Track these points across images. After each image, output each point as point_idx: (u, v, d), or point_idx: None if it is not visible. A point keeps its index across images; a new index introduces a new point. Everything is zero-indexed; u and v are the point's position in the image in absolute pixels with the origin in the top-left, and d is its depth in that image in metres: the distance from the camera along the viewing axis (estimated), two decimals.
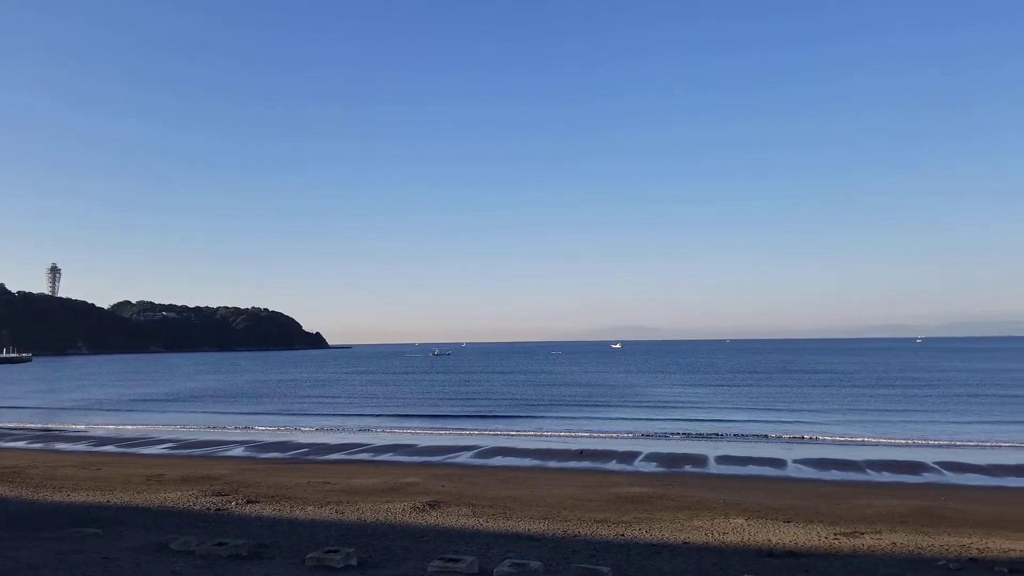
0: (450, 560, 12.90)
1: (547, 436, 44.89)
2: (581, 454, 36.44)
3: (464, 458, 35.63)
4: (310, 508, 20.79)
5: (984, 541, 17.27)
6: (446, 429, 49.20)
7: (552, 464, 33.49)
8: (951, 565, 13.92)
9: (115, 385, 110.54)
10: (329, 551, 13.38)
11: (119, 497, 22.45)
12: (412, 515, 19.83)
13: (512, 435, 45.73)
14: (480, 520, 19.34)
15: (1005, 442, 40.40)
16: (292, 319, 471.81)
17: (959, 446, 39.14)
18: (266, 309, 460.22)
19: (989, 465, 32.43)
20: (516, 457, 35.77)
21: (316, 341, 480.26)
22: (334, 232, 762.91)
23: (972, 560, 14.67)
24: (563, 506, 22.08)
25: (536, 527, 18.48)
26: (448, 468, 32.11)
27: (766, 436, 44.24)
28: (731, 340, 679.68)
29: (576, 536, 17.36)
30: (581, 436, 44.57)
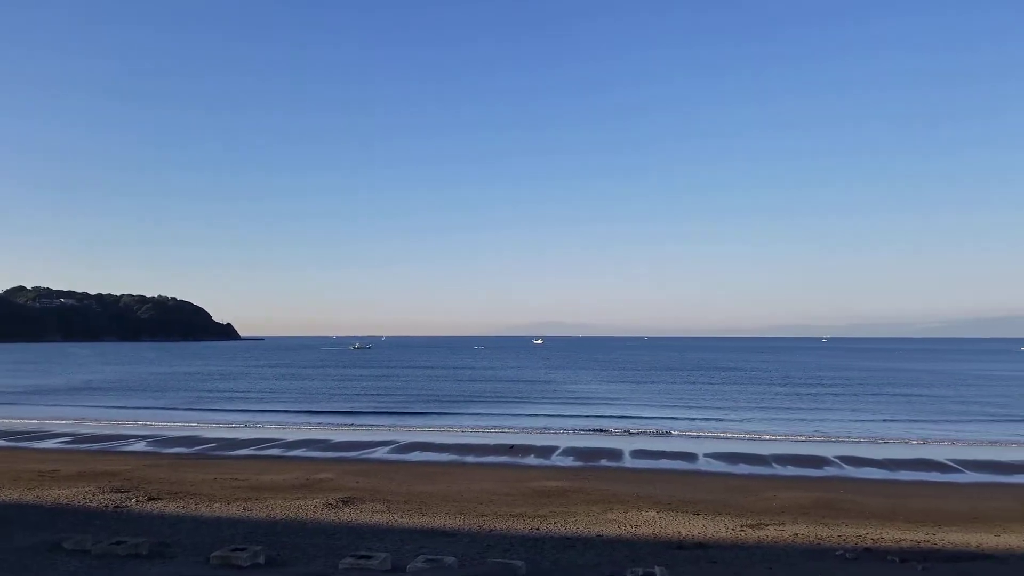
0: (362, 557, 12.68)
1: (466, 431, 44.81)
2: (511, 449, 36.58)
3: (380, 453, 35.20)
4: (216, 505, 20.11)
5: (879, 531, 18.13)
6: (363, 425, 48.51)
7: (470, 459, 33.44)
8: (848, 555, 14.53)
9: (7, 375, 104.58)
10: (235, 549, 12.97)
11: (7, 494, 21.19)
12: (324, 512, 19.43)
13: (431, 430, 45.46)
14: (395, 516, 19.11)
15: (897, 439, 42.60)
16: (201, 309, 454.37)
17: (858, 441, 41.06)
18: (173, 298, 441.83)
19: (885, 459, 34.10)
20: (434, 452, 35.56)
21: (226, 332, 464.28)
22: (247, 219, 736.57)
23: (867, 550, 15.37)
24: (479, 501, 22.06)
25: (452, 522, 18.39)
26: (363, 464, 31.65)
27: (680, 431, 45.37)
28: (649, 337, 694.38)
29: (492, 531, 17.35)
30: (500, 431, 44.66)
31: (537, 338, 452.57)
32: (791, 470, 31.17)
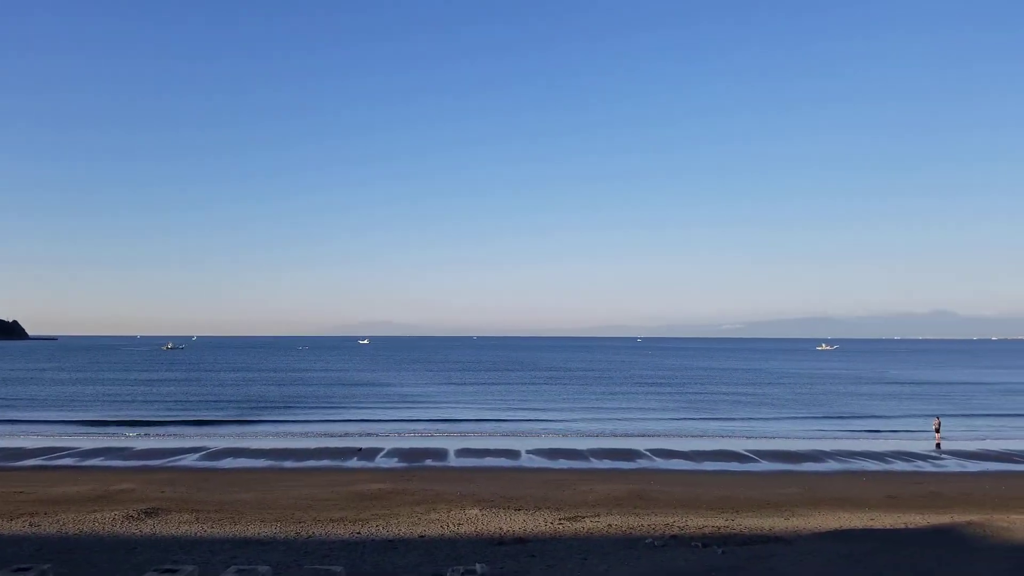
0: (166, 571, 11.71)
1: (285, 435, 43.08)
2: (360, 451, 35.63)
3: (189, 461, 33.01)
4: None
5: (684, 519, 19.33)
6: (170, 432, 45.32)
7: (288, 464, 32.15)
8: (656, 542, 15.35)
9: None
10: (19, 569, 11.55)
11: None
12: (124, 524, 17.88)
13: (246, 436, 43.28)
14: (204, 526, 17.93)
15: (701, 432, 45.89)
16: None
17: (667, 435, 43.76)
18: None
19: (691, 451, 36.56)
20: (248, 458, 33.85)
21: (10, 330, 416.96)
22: (39, 208, 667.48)
23: (674, 537, 16.32)
24: (297, 507, 21.22)
25: (266, 530, 17.53)
26: (170, 472, 29.53)
27: (503, 430, 46.23)
28: (478, 337, 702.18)
29: (310, 537, 16.72)
30: (322, 436, 43.35)
31: (363, 338, 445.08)
32: (607, 464, 32.62)
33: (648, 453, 35.68)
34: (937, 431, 41.98)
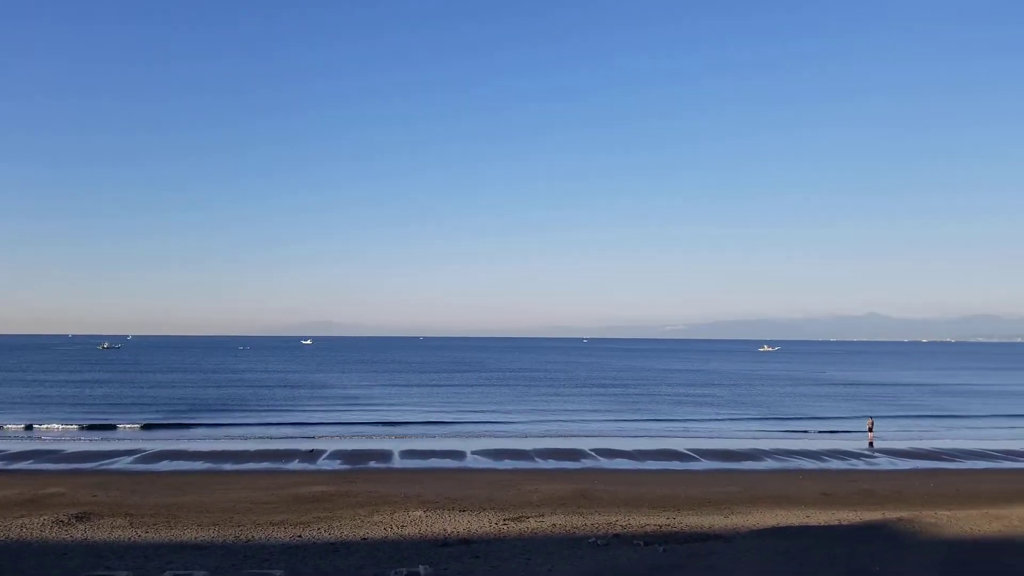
0: None
1: (224, 438, 42.12)
2: (311, 453, 34.97)
3: (123, 464, 32.02)
4: None
5: (627, 518, 19.54)
6: (102, 435, 43.92)
7: (227, 466, 31.44)
8: (599, 541, 15.48)
9: None
10: None
11: None
12: (54, 530, 17.24)
13: (184, 437, 42.19)
14: (139, 531, 17.42)
15: (642, 433, 46.48)
16: None
17: (611, 435, 44.18)
18: None
19: (634, 450, 36.98)
20: (186, 461, 32.99)
21: None
22: None
23: (617, 536, 16.49)
24: (236, 510, 20.77)
25: (204, 534, 17.12)
26: (103, 476, 28.57)
27: (450, 431, 46.06)
28: (425, 338, 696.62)
29: (249, 541, 16.38)
30: (262, 439, 42.54)
31: (306, 338, 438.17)
32: (552, 464, 32.77)
33: (592, 453, 35.96)
34: (870, 430, 43.37)
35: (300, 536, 16.89)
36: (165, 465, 31.73)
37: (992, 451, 37.35)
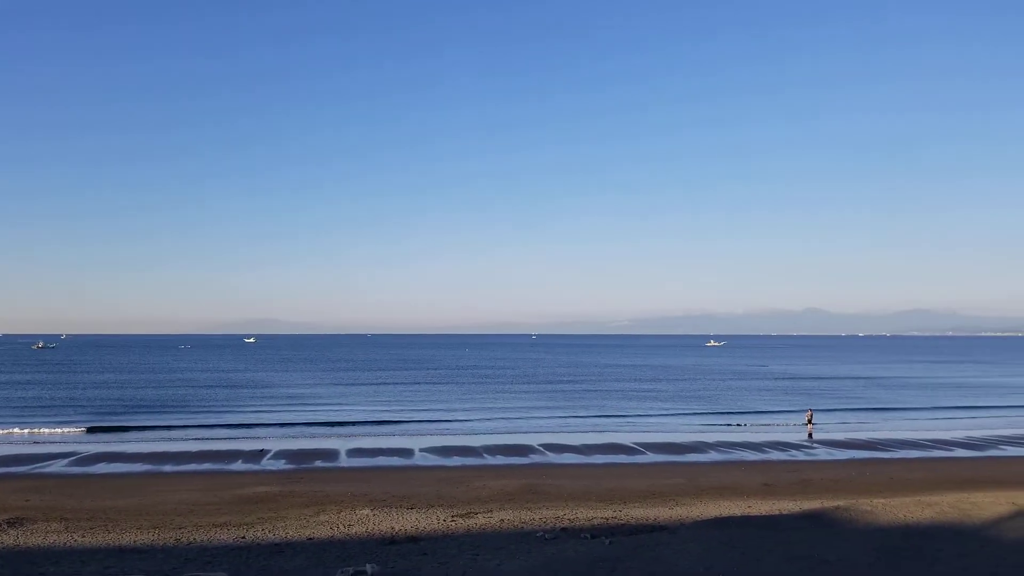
0: None
1: (164, 439, 41.10)
2: (255, 453, 34.27)
3: (58, 467, 30.97)
4: None
5: (575, 511, 19.73)
6: (36, 437, 42.41)
7: (168, 468, 30.69)
8: (547, 535, 15.59)
9: None
10: None
11: None
12: None
13: (122, 439, 41.02)
14: (75, 535, 16.89)
15: (589, 427, 46.94)
16: None
17: (559, 431, 44.50)
18: None
19: (581, 445, 37.33)
20: (124, 463, 32.10)
21: None
22: None
23: (564, 529, 16.63)
24: (177, 512, 20.31)
25: (144, 537, 16.70)
26: (36, 479, 27.60)
27: (398, 429, 45.78)
28: (372, 335, 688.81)
29: (191, 543, 16.03)
30: (203, 440, 41.63)
31: (249, 336, 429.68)
32: (500, 460, 32.84)
33: (541, 448, 36.16)
34: (809, 422, 44.59)
35: (244, 537, 16.61)
36: (102, 467, 30.81)
37: (924, 441, 38.77)
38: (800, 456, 34.08)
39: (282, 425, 47.85)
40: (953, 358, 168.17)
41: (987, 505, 16.17)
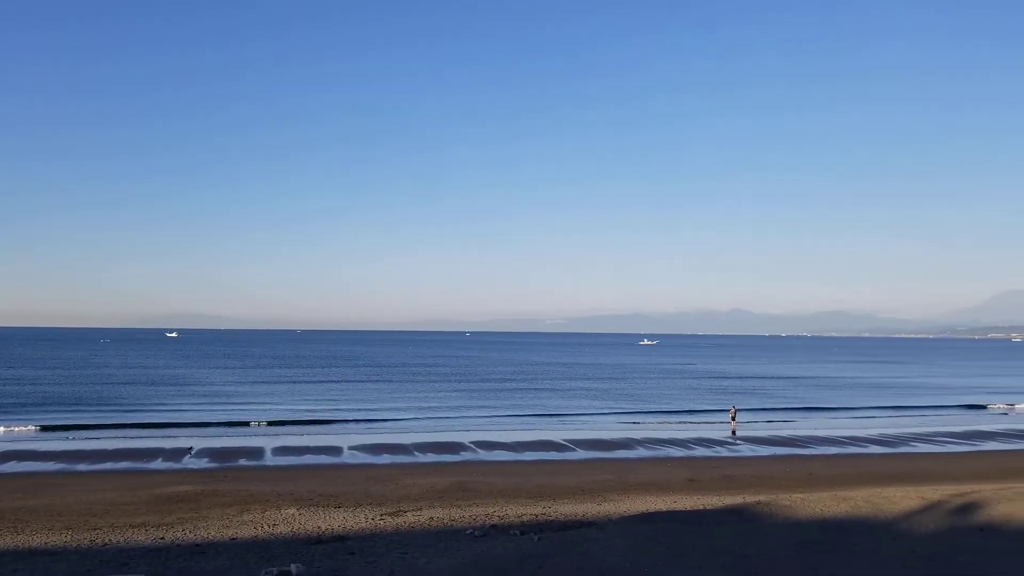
0: None
1: (79, 437, 39.44)
2: (177, 451, 33.08)
3: None
4: None
5: (504, 508, 19.76)
6: None
7: (82, 467, 29.47)
8: (476, 533, 15.58)
9: None
10: None
11: None
12: None
13: (33, 437, 39.23)
14: None
15: (521, 425, 47.17)
16: None
17: (491, 427, 44.56)
18: None
19: (513, 442, 37.44)
20: (36, 461, 30.69)
21: None
22: None
23: (494, 526, 16.64)
24: (92, 513, 19.52)
25: (56, 539, 16.00)
26: None
27: (326, 427, 45.08)
28: (302, 331, 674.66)
29: (107, 545, 15.43)
30: (122, 438, 40.16)
31: (172, 331, 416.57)
32: (431, 457, 32.68)
33: (472, 445, 36.12)
34: (733, 419, 45.83)
35: (163, 538, 16.08)
36: (11, 467, 29.38)
37: (841, 438, 40.28)
38: (724, 452, 34.97)
39: (205, 424, 46.29)
40: (870, 359, 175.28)
41: (898, 499, 16.89)
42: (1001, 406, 60.19)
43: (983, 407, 59.72)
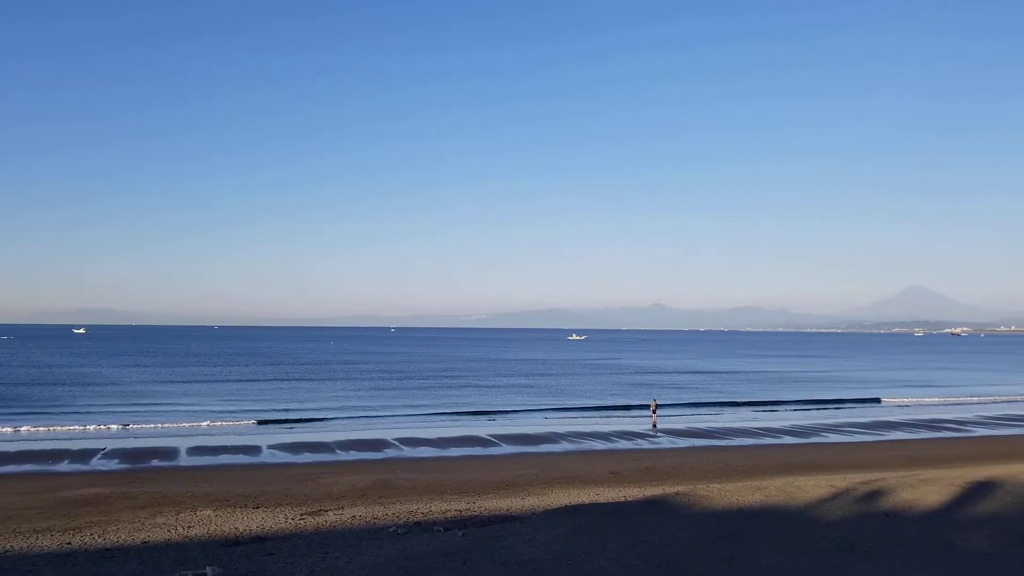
0: None
1: None
2: (91, 452, 31.46)
3: None
4: None
5: (428, 505, 19.66)
6: None
7: None
8: (399, 530, 15.43)
9: None
10: None
11: None
12: None
13: None
14: None
15: (445, 421, 47.09)
16: None
17: (415, 424, 44.31)
18: None
19: (437, 438, 37.30)
20: None
21: None
22: None
23: (417, 523, 16.52)
24: None
25: None
26: None
27: (244, 426, 43.90)
28: (219, 327, 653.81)
29: (7, 552, 14.64)
30: (24, 440, 38.21)
31: (79, 327, 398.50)
32: (353, 455, 32.23)
33: (395, 442, 35.80)
34: (654, 412, 46.82)
35: (70, 543, 15.36)
36: None
37: (756, 429, 41.66)
38: (645, 445, 35.69)
39: (115, 424, 44.31)
40: (783, 353, 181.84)
41: (810, 488, 17.58)
42: (894, 401, 62.96)
43: (877, 400, 62.37)
